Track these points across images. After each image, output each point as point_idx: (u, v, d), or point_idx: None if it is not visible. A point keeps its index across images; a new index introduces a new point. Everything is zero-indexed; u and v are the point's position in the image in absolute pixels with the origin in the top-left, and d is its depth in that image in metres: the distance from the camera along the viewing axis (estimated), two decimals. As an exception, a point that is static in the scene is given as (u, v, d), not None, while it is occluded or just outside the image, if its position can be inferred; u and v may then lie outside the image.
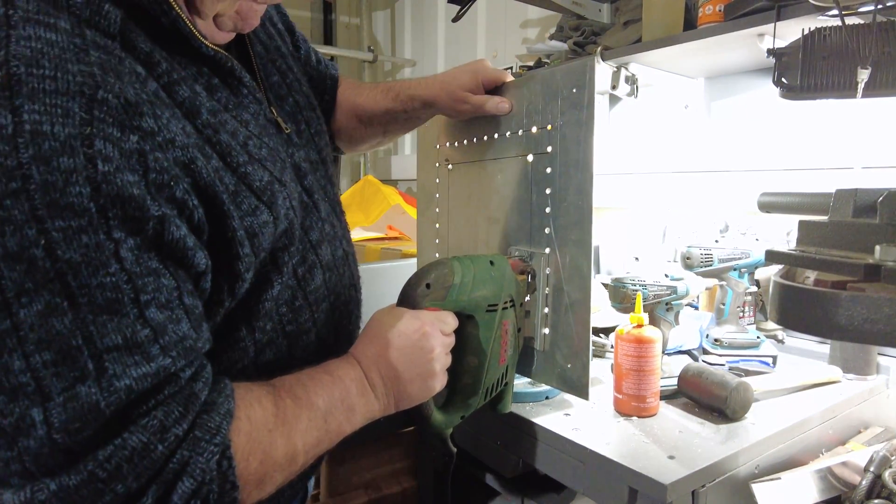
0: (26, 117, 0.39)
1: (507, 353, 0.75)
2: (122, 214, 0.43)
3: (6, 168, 0.39)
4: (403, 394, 0.63)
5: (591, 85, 0.75)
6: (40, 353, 0.40)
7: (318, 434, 0.55)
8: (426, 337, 0.63)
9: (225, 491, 0.47)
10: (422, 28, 2.64)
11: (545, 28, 1.91)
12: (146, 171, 0.45)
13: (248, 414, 0.50)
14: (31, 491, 0.41)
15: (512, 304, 0.75)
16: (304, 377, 0.57)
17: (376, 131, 0.97)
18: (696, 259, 1.13)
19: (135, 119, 0.44)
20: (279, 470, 0.52)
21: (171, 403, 0.45)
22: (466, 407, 0.73)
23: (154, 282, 0.45)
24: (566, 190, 0.80)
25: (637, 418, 0.89)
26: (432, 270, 0.69)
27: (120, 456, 0.42)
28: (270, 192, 0.58)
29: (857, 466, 0.85)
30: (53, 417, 0.41)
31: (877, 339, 0.68)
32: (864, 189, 0.76)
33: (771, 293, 0.83)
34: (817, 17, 0.93)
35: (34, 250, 0.40)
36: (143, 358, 0.44)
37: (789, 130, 1.27)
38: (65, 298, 0.41)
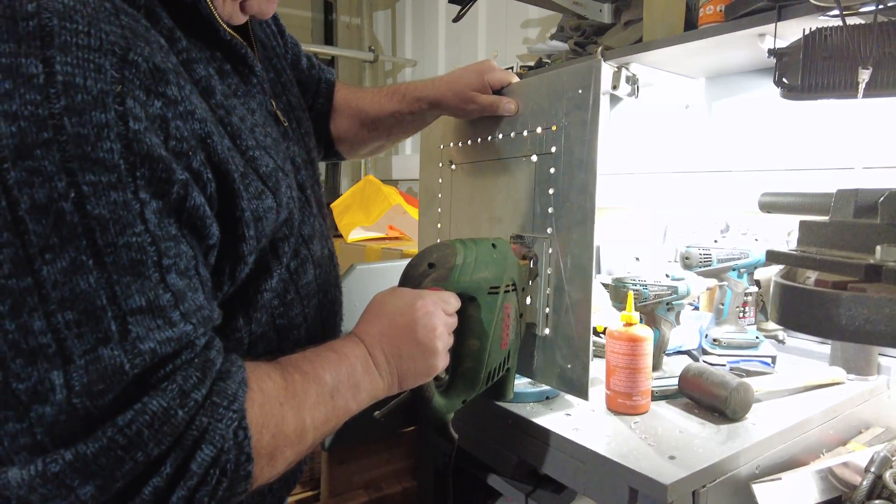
0: (58, 68, 0.39)
1: (510, 338, 0.75)
2: (149, 175, 0.42)
3: (38, 117, 0.38)
4: (407, 372, 0.62)
5: (597, 86, 0.76)
6: (63, 312, 0.39)
7: (326, 410, 0.54)
8: (428, 315, 0.63)
9: (240, 463, 0.45)
10: (422, 28, 2.64)
11: (546, 28, 1.91)
12: (167, 138, 0.44)
13: (261, 386, 0.49)
14: (42, 464, 0.39)
15: (514, 287, 0.75)
16: (309, 354, 0.57)
17: (380, 135, 0.97)
18: (695, 259, 1.13)
19: (160, 85, 0.44)
20: (289, 445, 0.51)
21: (189, 369, 0.44)
22: (468, 391, 0.73)
23: (175, 247, 0.45)
24: (569, 190, 0.80)
25: (632, 417, 0.89)
26: (435, 251, 0.69)
27: (140, 421, 0.40)
28: (275, 178, 0.58)
29: (857, 467, 0.85)
30: (74, 381, 0.39)
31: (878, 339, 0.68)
32: (865, 189, 0.76)
33: (772, 293, 0.83)
34: (818, 17, 0.93)
35: (63, 203, 0.39)
36: (165, 322, 0.43)
37: (790, 131, 1.27)
38: (91, 256, 0.40)
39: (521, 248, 0.83)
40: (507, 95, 0.89)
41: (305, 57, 0.94)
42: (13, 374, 0.39)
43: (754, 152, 1.34)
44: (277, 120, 0.68)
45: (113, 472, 0.40)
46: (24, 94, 0.38)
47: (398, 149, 2.85)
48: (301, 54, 0.92)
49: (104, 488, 0.40)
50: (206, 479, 0.43)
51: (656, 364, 1.03)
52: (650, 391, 0.93)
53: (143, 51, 0.43)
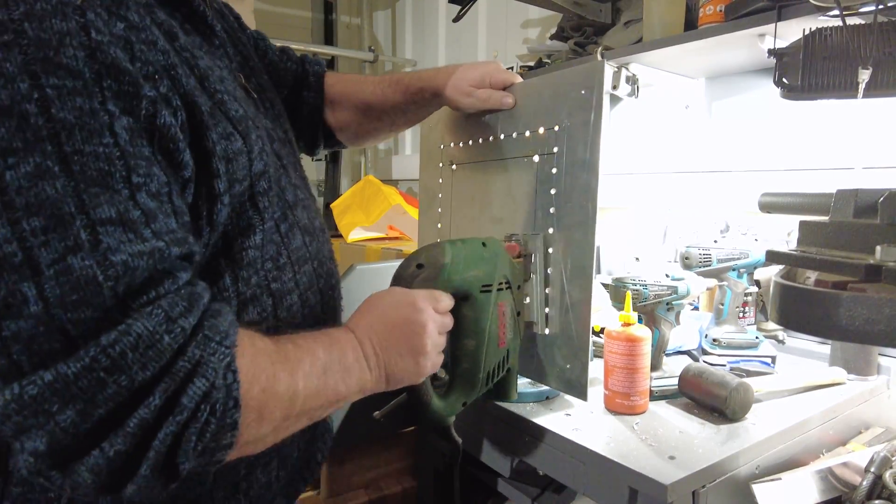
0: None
1: (507, 337, 0.74)
2: (116, 87, 0.41)
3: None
4: (395, 368, 0.61)
5: (601, 87, 0.76)
6: (28, 219, 0.37)
7: (318, 383, 0.52)
8: (419, 312, 0.62)
9: (228, 407, 0.43)
10: (423, 28, 2.64)
11: (546, 28, 1.91)
12: (132, 59, 0.43)
13: (253, 341, 0.48)
14: (18, 387, 0.37)
15: (508, 285, 0.74)
16: (302, 333, 0.56)
17: (383, 125, 0.97)
18: (695, 259, 1.13)
19: (121, 9, 0.43)
20: (279, 405, 0.48)
21: (174, 297, 0.42)
22: (468, 393, 0.72)
23: (146, 167, 0.43)
24: (571, 190, 0.80)
25: (631, 417, 0.89)
26: (423, 252, 0.68)
27: (124, 342, 0.38)
28: (245, 124, 0.56)
29: (857, 467, 0.85)
30: (47, 291, 0.37)
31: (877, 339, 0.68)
32: (864, 189, 0.76)
33: (772, 293, 0.83)
34: (818, 18, 0.93)
35: (27, 105, 0.37)
36: (136, 236, 0.41)
37: (790, 131, 1.27)
38: (57, 162, 0.38)
39: (515, 246, 0.82)
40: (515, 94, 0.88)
41: (278, 50, 0.93)
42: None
43: (754, 152, 1.34)
44: (247, 91, 0.66)
45: (94, 396, 0.38)
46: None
47: (398, 148, 2.85)
48: (269, 47, 0.91)
49: (85, 414, 0.38)
50: (195, 415, 0.41)
51: (656, 364, 1.03)
52: (648, 391, 0.93)
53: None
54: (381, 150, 2.96)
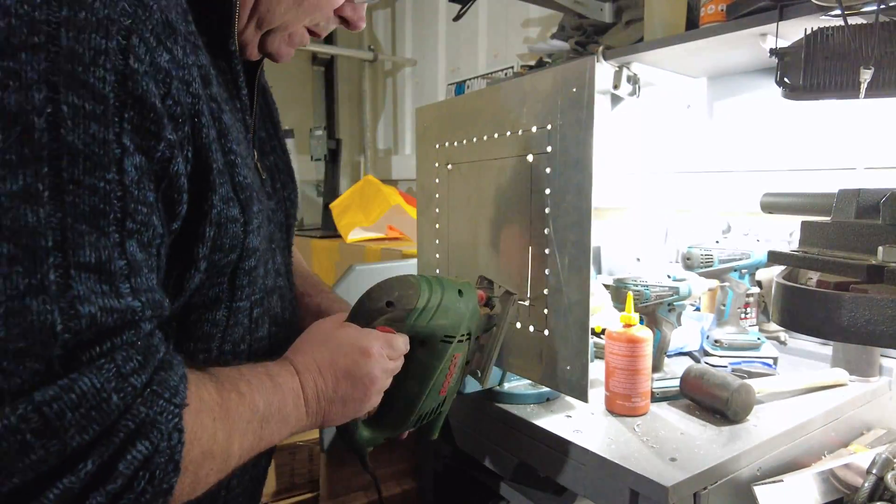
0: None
1: (449, 386, 0.72)
2: (137, 122, 0.38)
3: (32, 19, 0.34)
4: (334, 414, 0.58)
5: (591, 84, 0.75)
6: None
7: (253, 439, 0.49)
8: (371, 362, 0.58)
9: (167, 472, 0.38)
10: (422, 27, 2.64)
11: (547, 27, 1.91)
12: (166, 95, 0.40)
13: (199, 394, 0.43)
14: None
15: (468, 337, 0.72)
16: (246, 373, 0.51)
17: None
18: (697, 259, 1.12)
19: (170, 40, 0.41)
20: (214, 466, 0.44)
21: (130, 350, 0.37)
22: (394, 429, 0.71)
23: (146, 215, 0.39)
24: (565, 190, 0.79)
25: (632, 418, 0.89)
26: (397, 288, 0.65)
27: (65, 400, 0.33)
28: (248, 193, 0.52)
29: (859, 469, 0.84)
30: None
31: (879, 340, 0.68)
32: (867, 190, 0.75)
33: (773, 294, 0.83)
34: (820, 17, 0.92)
35: (34, 117, 0.34)
36: (111, 290, 0.37)
37: (792, 131, 1.27)
38: (48, 187, 0.34)
39: (482, 295, 0.79)
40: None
41: None
42: None
43: (756, 152, 1.34)
44: (257, 170, 0.62)
45: (14, 462, 0.32)
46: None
47: (398, 148, 2.85)
48: None
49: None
50: (131, 485, 0.36)
51: (657, 365, 1.03)
52: (650, 392, 0.92)
53: (160, 1, 0.40)
54: (381, 150, 2.96)
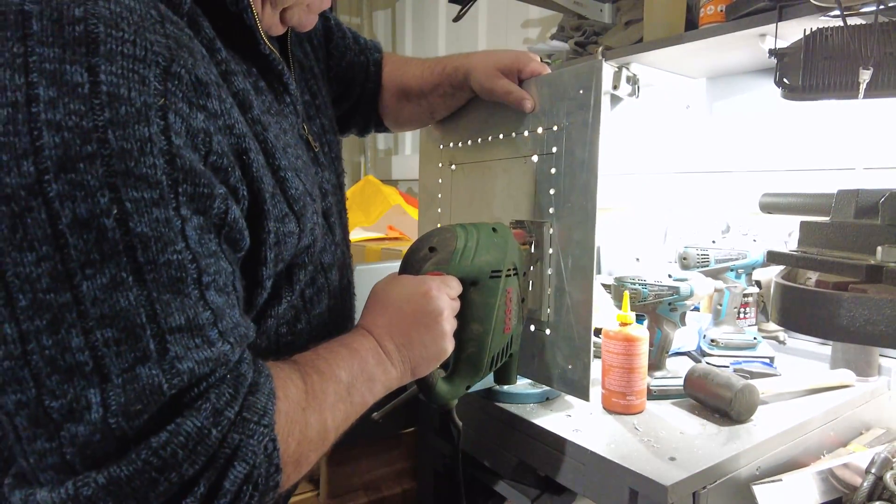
0: (103, 78, 0.38)
1: (512, 323, 0.75)
2: (191, 191, 0.42)
3: (82, 129, 0.37)
4: (419, 359, 0.62)
5: (598, 87, 0.75)
6: (102, 329, 0.38)
7: (345, 408, 0.54)
8: (433, 300, 0.62)
9: (270, 475, 0.45)
10: (423, 28, 2.64)
11: (546, 28, 1.91)
12: (208, 153, 0.44)
13: (286, 393, 0.48)
14: (73, 487, 0.38)
15: (515, 272, 0.75)
16: (322, 352, 0.56)
17: (423, 109, 0.95)
18: (693, 259, 1.12)
19: (202, 98, 0.43)
20: (314, 449, 0.50)
21: (222, 386, 0.43)
22: (472, 377, 0.73)
23: (215, 264, 0.44)
24: (570, 191, 0.79)
25: (631, 417, 0.89)
26: (435, 235, 0.68)
27: (175, 443, 0.39)
28: (302, 203, 0.56)
29: (858, 468, 0.84)
30: (111, 400, 0.38)
31: (878, 340, 0.68)
32: (865, 190, 0.76)
33: (773, 294, 0.83)
34: (819, 18, 0.92)
35: (105, 219, 0.38)
36: (204, 341, 0.42)
37: (791, 131, 1.27)
38: (131, 273, 0.39)
39: (522, 233, 0.82)
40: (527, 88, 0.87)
41: (352, 39, 0.92)
42: (48, 391, 0.38)
43: (755, 153, 1.34)
44: (309, 145, 0.66)
45: (147, 494, 0.39)
46: (68, 104, 0.37)
47: (398, 148, 2.85)
48: (347, 46, 0.90)
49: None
50: (238, 496, 0.43)
51: (659, 364, 1.03)
52: (645, 391, 0.93)
53: (186, 62, 0.42)
54: (381, 150, 2.96)
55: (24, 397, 0.38)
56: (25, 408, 0.38)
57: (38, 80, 0.37)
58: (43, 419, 0.38)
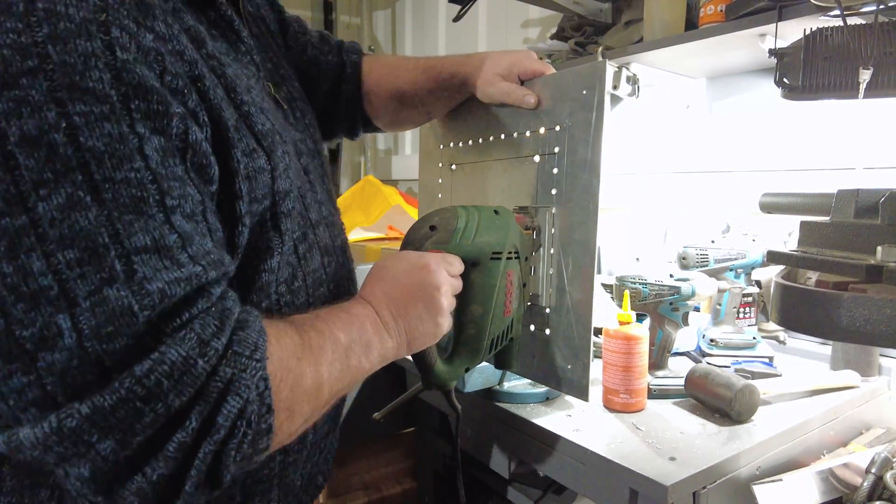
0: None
1: (513, 306, 0.75)
2: (144, 107, 0.40)
3: (20, 45, 0.37)
4: (415, 331, 0.61)
5: (602, 87, 0.76)
6: (63, 251, 0.37)
7: (342, 367, 0.53)
8: (432, 273, 0.62)
9: (262, 414, 0.44)
10: (422, 28, 2.64)
11: (546, 28, 1.91)
12: (163, 72, 0.42)
13: (279, 339, 0.48)
14: (56, 420, 0.37)
15: (517, 255, 0.75)
16: (321, 314, 0.55)
17: (420, 112, 0.96)
18: (692, 259, 1.12)
19: (148, 19, 0.42)
20: (307, 400, 0.49)
21: (206, 317, 0.42)
22: (471, 359, 0.73)
23: (180, 188, 0.42)
24: (572, 191, 0.79)
25: (631, 416, 0.89)
26: (436, 214, 0.69)
27: (159, 371, 0.38)
28: (270, 139, 0.55)
29: (858, 468, 0.84)
30: (82, 324, 0.37)
31: (878, 340, 0.68)
32: (865, 190, 0.76)
33: (772, 294, 0.83)
34: (819, 18, 0.92)
35: (55, 135, 0.37)
36: (172, 263, 0.40)
37: (791, 131, 1.27)
38: (88, 192, 0.37)
39: (524, 218, 0.82)
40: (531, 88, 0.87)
41: (318, 38, 0.92)
42: (15, 320, 0.36)
43: (755, 153, 1.34)
44: (277, 103, 0.65)
45: (133, 425, 0.38)
46: (4, 23, 0.37)
47: (398, 148, 2.85)
48: (308, 42, 0.90)
49: (124, 442, 0.38)
50: (233, 432, 0.42)
51: (661, 364, 1.03)
52: (645, 390, 0.93)
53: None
54: (381, 150, 2.96)
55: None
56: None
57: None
58: (16, 351, 0.37)
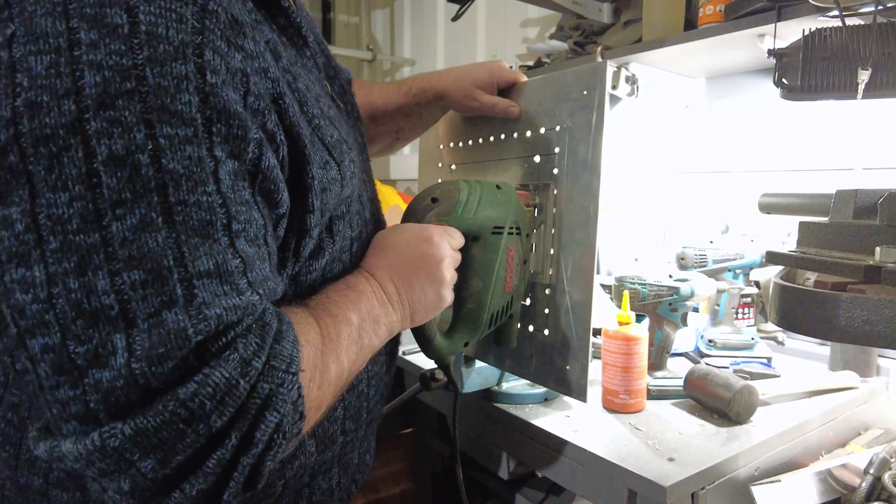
0: (142, 17, 0.38)
1: (513, 282, 0.75)
2: (225, 131, 0.41)
3: (122, 67, 0.38)
4: (417, 303, 0.62)
5: (603, 87, 0.76)
6: (128, 272, 0.37)
7: (356, 349, 0.54)
8: (434, 246, 0.63)
9: (295, 422, 0.44)
10: (421, 27, 2.64)
11: (545, 27, 1.91)
12: (246, 93, 0.43)
13: (307, 339, 0.48)
14: (99, 438, 0.37)
15: (518, 231, 0.75)
16: (331, 294, 0.56)
17: (389, 130, 0.95)
18: (691, 259, 1.12)
19: (239, 38, 0.43)
20: (331, 392, 0.51)
21: (249, 336, 0.42)
22: (471, 333, 0.73)
23: (246, 212, 0.43)
24: (573, 191, 0.79)
25: (629, 417, 0.89)
26: (438, 187, 0.69)
27: (203, 394, 0.38)
28: (339, 150, 0.56)
29: (856, 468, 0.84)
30: (136, 345, 0.37)
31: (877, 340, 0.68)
32: (864, 190, 0.76)
33: (771, 294, 0.83)
34: (818, 18, 0.92)
35: (140, 156, 0.38)
36: (232, 289, 0.41)
37: (790, 131, 1.27)
38: (161, 213, 0.38)
39: (526, 195, 0.82)
40: (512, 95, 0.88)
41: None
42: (73, 335, 0.37)
43: (754, 153, 1.34)
44: (334, 101, 0.66)
45: (174, 445, 0.38)
46: (108, 45, 0.38)
47: (397, 148, 2.85)
48: None
49: (165, 462, 0.39)
50: (270, 446, 0.43)
51: (660, 364, 1.03)
52: (645, 390, 0.93)
53: (222, 1, 0.42)
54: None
55: (49, 341, 0.37)
56: (50, 352, 0.37)
57: (78, 24, 0.37)
58: (67, 365, 0.37)
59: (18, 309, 0.38)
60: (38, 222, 0.37)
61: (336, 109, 0.64)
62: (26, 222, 0.37)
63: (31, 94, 0.37)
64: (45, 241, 0.37)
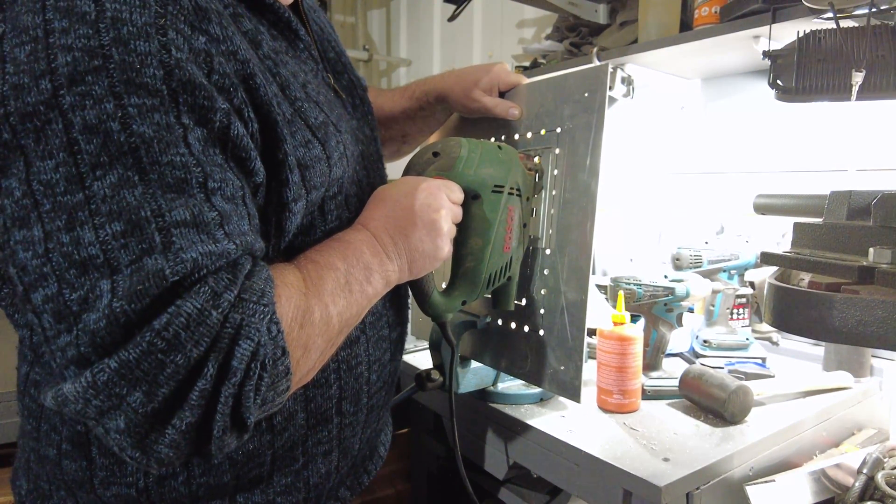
0: (108, 5, 0.43)
1: (512, 244, 0.75)
2: (191, 101, 0.45)
3: (89, 48, 0.42)
4: (415, 252, 0.63)
5: (604, 90, 0.76)
6: (110, 224, 0.41)
7: (345, 295, 0.55)
8: (432, 196, 0.63)
9: (277, 357, 0.46)
10: (417, 27, 2.64)
11: (541, 28, 1.91)
12: (210, 72, 0.47)
13: (283, 280, 0.51)
14: (91, 375, 0.41)
15: (518, 193, 0.75)
16: (316, 246, 0.58)
17: (395, 134, 0.97)
18: (686, 260, 1.13)
19: (203, 23, 0.47)
20: (320, 334, 0.52)
21: (220, 273, 0.45)
22: (468, 292, 0.73)
23: (220, 173, 0.46)
24: (571, 191, 0.80)
25: (624, 417, 0.89)
26: (440, 142, 0.69)
27: (177, 324, 0.41)
28: (324, 131, 0.58)
29: (850, 468, 0.85)
30: (119, 287, 0.41)
31: (870, 341, 0.68)
32: (858, 191, 0.76)
33: (766, 295, 0.83)
34: (812, 20, 0.93)
35: (111, 123, 0.42)
36: (209, 237, 0.44)
37: (785, 132, 1.28)
38: (136, 172, 0.42)
39: (527, 159, 0.82)
40: (514, 97, 0.88)
41: None
42: (67, 283, 0.41)
43: (749, 154, 1.35)
44: (336, 93, 0.68)
45: (157, 376, 0.41)
46: (77, 30, 0.42)
47: (393, 148, 2.84)
48: None
49: (151, 394, 0.41)
50: (248, 374, 0.44)
51: (655, 365, 1.03)
52: (639, 391, 0.93)
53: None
54: (376, 149, 2.96)
55: (48, 292, 0.42)
56: (50, 301, 0.42)
57: (53, 16, 0.42)
58: (64, 311, 0.41)
59: (22, 266, 0.42)
60: (33, 188, 0.42)
61: (334, 98, 0.66)
62: (23, 189, 0.42)
63: (15, 78, 0.42)
64: (39, 203, 0.42)
